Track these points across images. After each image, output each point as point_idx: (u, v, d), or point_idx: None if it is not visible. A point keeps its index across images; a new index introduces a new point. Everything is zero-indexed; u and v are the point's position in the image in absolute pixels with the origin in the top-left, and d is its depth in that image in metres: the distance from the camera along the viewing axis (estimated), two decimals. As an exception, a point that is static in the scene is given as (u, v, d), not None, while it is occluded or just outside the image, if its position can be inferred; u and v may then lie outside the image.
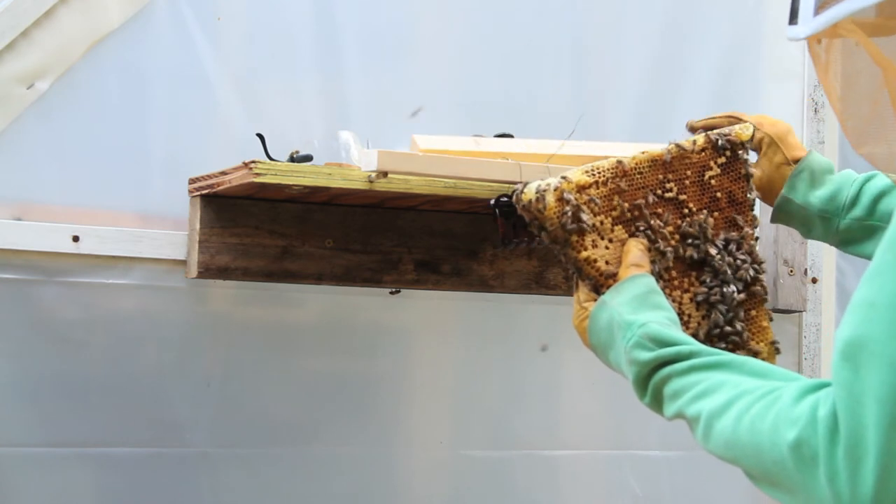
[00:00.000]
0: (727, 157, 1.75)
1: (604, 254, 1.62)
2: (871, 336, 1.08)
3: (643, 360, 1.44)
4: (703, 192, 1.72)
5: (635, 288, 1.56)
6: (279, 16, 2.31)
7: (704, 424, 1.33)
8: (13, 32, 2.06)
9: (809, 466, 1.14)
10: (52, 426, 2.11)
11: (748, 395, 1.28)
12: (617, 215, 1.64)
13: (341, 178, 1.94)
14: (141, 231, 2.13)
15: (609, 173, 1.65)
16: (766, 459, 1.21)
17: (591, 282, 1.62)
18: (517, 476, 2.48)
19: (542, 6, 2.53)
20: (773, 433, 1.20)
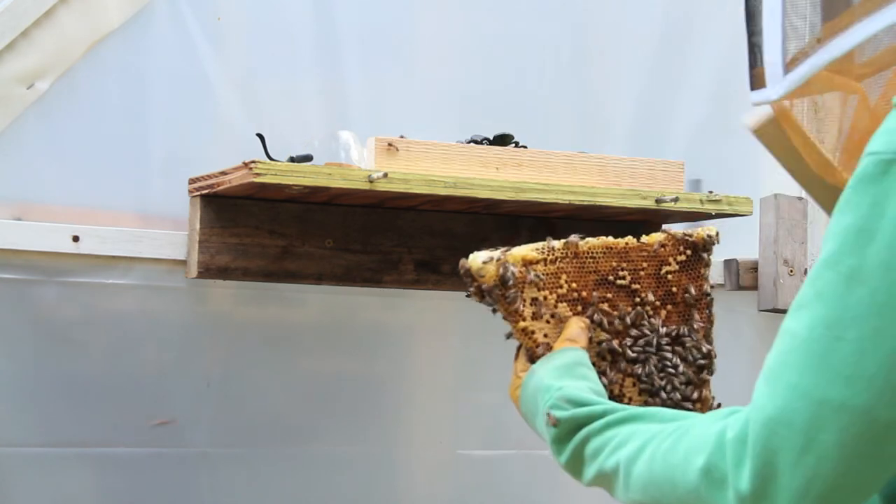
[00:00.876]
0: (688, 256, 1.77)
1: (543, 327, 1.65)
2: (788, 365, 1.10)
3: (560, 419, 1.45)
4: (658, 285, 1.75)
5: (563, 358, 1.59)
6: (279, 16, 2.31)
7: (624, 473, 1.34)
8: (13, 32, 2.06)
9: (720, 489, 1.15)
10: (52, 426, 2.11)
11: (660, 435, 1.29)
12: (563, 293, 1.68)
13: (341, 178, 1.94)
14: (141, 231, 2.13)
15: (559, 253, 1.69)
16: (681, 490, 1.22)
17: (528, 353, 1.66)
18: (516, 476, 2.48)
19: (543, 6, 2.53)
20: (685, 462, 1.21)
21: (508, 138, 2.24)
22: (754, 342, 2.60)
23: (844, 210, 1.08)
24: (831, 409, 1.07)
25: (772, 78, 1.25)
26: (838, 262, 1.08)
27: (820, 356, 1.08)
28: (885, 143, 1.06)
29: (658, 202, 2.10)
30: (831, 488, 1.09)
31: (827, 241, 1.09)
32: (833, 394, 1.07)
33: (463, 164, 2.11)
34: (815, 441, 1.08)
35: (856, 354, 1.06)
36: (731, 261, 2.58)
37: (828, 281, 1.08)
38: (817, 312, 1.09)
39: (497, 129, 2.22)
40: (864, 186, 1.06)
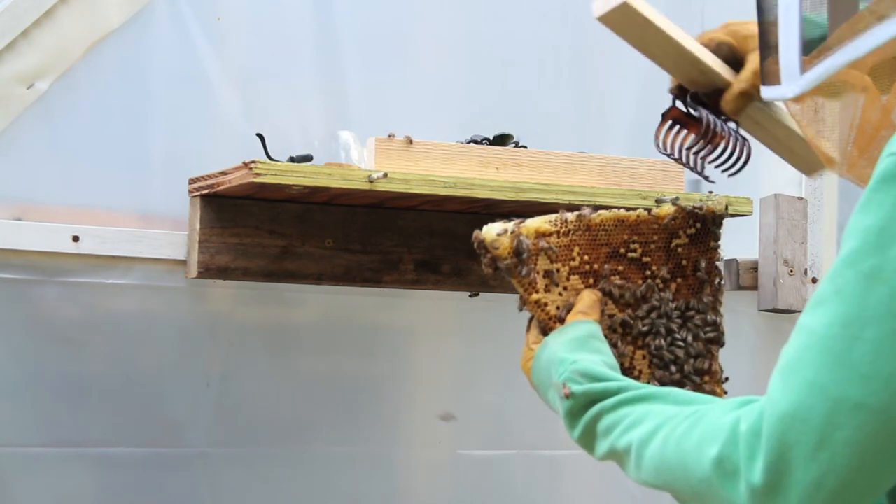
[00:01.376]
0: (697, 229, 1.78)
1: (556, 300, 1.65)
2: (804, 361, 1.11)
3: (574, 392, 1.45)
4: (668, 257, 1.75)
5: (577, 331, 1.58)
6: (279, 16, 2.31)
7: (636, 455, 1.34)
8: (13, 32, 2.06)
9: (732, 480, 1.16)
10: (52, 426, 2.11)
11: (674, 420, 1.29)
12: (575, 265, 1.68)
13: (341, 178, 1.94)
14: (141, 231, 2.13)
15: (572, 225, 1.68)
16: (693, 478, 1.22)
17: (541, 325, 1.66)
18: (516, 476, 2.49)
19: (543, 7, 2.53)
20: (698, 451, 1.21)
21: (508, 138, 2.24)
22: (754, 342, 2.60)
23: (866, 209, 1.08)
24: (847, 408, 1.07)
25: (788, 75, 1.24)
26: (859, 261, 1.08)
27: (837, 354, 1.08)
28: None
29: (658, 202, 2.10)
30: (843, 485, 1.09)
31: (847, 239, 1.09)
32: (850, 392, 1.07)
33: (463, 164, 2.12)
34: (830, 438, 1.08)
35: (874, 354, 1.06)
36: (731, 261, 2.58)
37: (848, 279, 1.08)
38: (836, 310, 1.09)
39: (497, 129, 2.22)
40: (886, 186, 1.07)
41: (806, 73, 1.21)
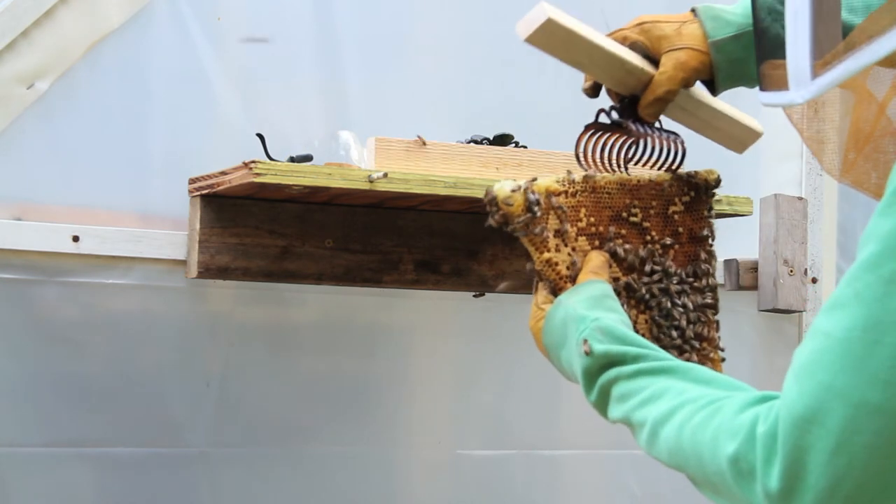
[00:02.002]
0: (691, 197, 1.79)
1: (565, 259, 1.65)
2: (822, 364, 1.10)
3: (594, 350, 1.44)
4: (665, 224, 1.76)
5: (592, 290, 1.57)
6: (279, 16, 2.31)
7: (650, 432, 1.33)
8: (13, 32, 2.06)
9: (747, 480, 1.16)
10: (52, 426, 2.11)
11: (692, 404, 1.29)
12: (582, 227, 1.68)
13: (341, 178, 1.94)
14: (141, 231, 2.13)
15: (579, 186, 1.69)
16: (708, 469, 1.22)
17: (550, 284, 1.65)
18: (516, 476, 2.49)
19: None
20: (714, 444, 1.21)
21: (508, 138, 2.24)
22: (754, 342, 2.60)
23: (887, 213, 1.07)
24: (867, 412, 1.07)
25: (797, 81, 1.21)
26: (880, 266, 1.07)
27: (857, 358, 1.07)
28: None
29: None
30: (859, 490, 1.09)
31: (867, 243, 1.09)
32: (871, 396, 1.06)
33: (463, 164, 2.12)
34: (847, 442, 1.07)
35: (894, 359, 1.05)
36: (731, 261, 2.58)
37: (868, 283, 1.07)
38: (855, 314, 1.08)
39: (497, 129, 2.22)
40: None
41: (817, 78, 1.19)
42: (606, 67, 1.72)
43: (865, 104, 1.23)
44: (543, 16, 1.65)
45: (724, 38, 1.67)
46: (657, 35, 1.69)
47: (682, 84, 1.69)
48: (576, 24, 1.69)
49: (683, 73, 1.68)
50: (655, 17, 1.71)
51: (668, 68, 1.67)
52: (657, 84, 1.68)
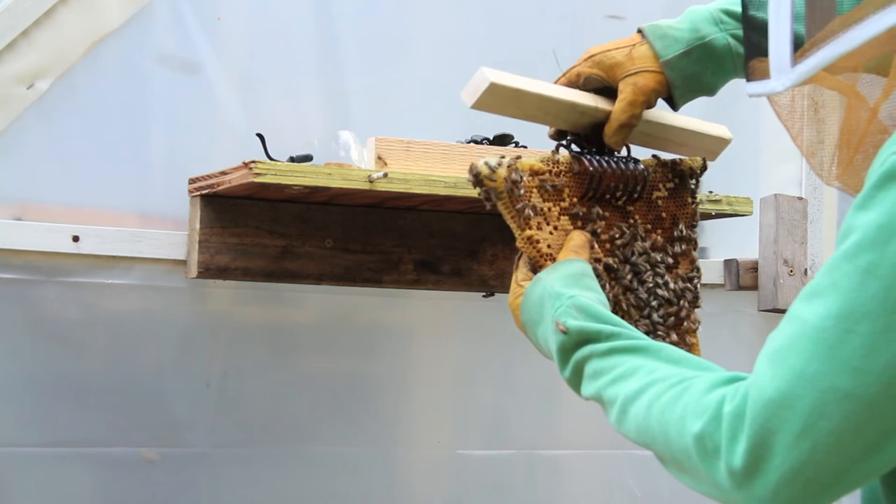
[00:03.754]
0: (675, 184, 1.80)
1: (547, 238, 1.67)
2: (795, 350, 1.13)
3: (569, 327, 1.46)
4: (649, 209, 1.77)
5: (570, 268, 1.59)
6: (279, 16, 2.31)
7: (620, 409, 1.36)
8: (13, 32, 2.06)
9: (712, 458, 1.19)
10: (52, 426, 2.11)
11: (661, 383, 1.31)
12: (565, 206, 1.70)
13: (341, 178, 1.94)
14: (141, 231, 2.13)
15: (564, 167, 1.71)
16: (674, 447, 1.25)
17: (531, 262, 1.66)
18: (516, 476, 2.49)
19: (543, 7, 2.53)
20: (681, 423, 1.24)
21: (508, 138, 2.24)
22: (754, 342, 2.60)
23: (867, 206, 1.10)
24: (836, 398, 1.10)
25: (778, 69, 1.23)
26: (857, 256, 1.10)
27: (829, 345, 1.10)
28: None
29: (658, 202, 2.10)
30: (821, 473, 1.12)
31: (847, 234, 1.11)
32: (840, 383, 1.09)
33: (463, 164, 2.12)
34: (814, 427, 1.11)
35: (866, 348, 1.08)
36: (731, 261, 2.58)
37: (845, 273, 1.10)
38: (830, 303, 1.11)
39: (497, 129, 2.22)
40: (888, 184, 1.09)
41: (797, 65, 1.21)
42: (560, 114, 1.76)
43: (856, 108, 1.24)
44: (486, 81, 1.70)
45: (674, 55, 1.70)
46: (609, 64, 1.72)
47: (643, 107, 1.71)
48: (519, 81, 1.73)
49: (643, 96, 1.70)
50: (604, 46, 1.74)
51: (627, 94, 1.70)
52: (620, 111, 1.71)
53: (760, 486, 1.14)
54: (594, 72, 1.74)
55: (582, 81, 1.75)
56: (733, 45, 1.70)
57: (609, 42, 1.75)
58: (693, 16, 1.72)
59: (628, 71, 1.71)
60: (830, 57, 1.18)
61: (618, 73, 1.71)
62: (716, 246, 2.65)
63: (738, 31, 1.68)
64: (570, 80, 1.76)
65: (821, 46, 1.18)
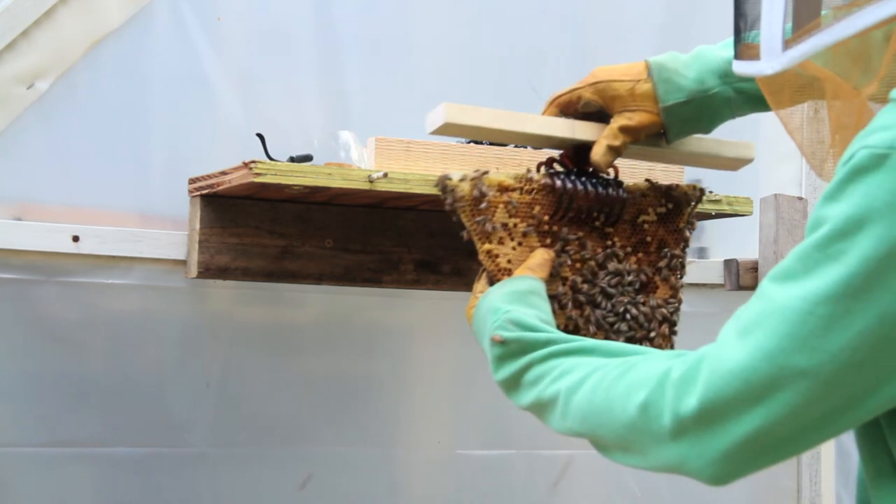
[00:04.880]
0: (668, 209, 1.80)
1: (509, 253, 1.69)
2: (760, 325, 1.18)
3: (504, 339, 1.50)
4: (633, 232, 1.78)
5: (518, 285, 1.63)
6: (279, 16, 2.31)
7: (563, 402, 1.40)
8: (13, 32, 2.06)
9: (656, 422, 1.25)
10: (52, 426, 2.11)
11: (604, 368, 1.36)
12: (534, 223, 1.72)
13: (341, 178, 1.94)
14: (141, 231, 2.13)
15: (537, 185, 1.72)
16: (618, 422, 1.30)
17: (489, 275, 1.69)
18: (516, 476, 2.49)
19: (543, 6, 2.53)
20: (626, 397, 1.29)
21: (509, 138, 2.24)
22: (754, 342, 2.60)
23: (837, 198, 1.14)
24: (792, 374, 1.15)
25: (768, 52, 1.25)
26: (827, 245, 1.14)
27: (791, 324, 1.15)
28: (881, 138, 1.11)
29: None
30: (772, 441, 1.19)
31: (819, 224, 1.15)
32: (796, 360, 1.15)
33: (463, 164, 2.11)
34: (769, 399, 1.17)
35: (824, 329, 1.14)
36: (731, 261, 2.58)
37: (815, 260, 1.15)
38: (799, 285, 1.16)
39: (497, 129, 2.22)
40: (858, 177, 1.12)
41: (788, 50, 1.23)
42: (529, 141, 1.80)
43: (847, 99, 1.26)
44: (441, 119, 1.71)
45: (674, 103, 1.73)
46: (611, 95, 1.75)
47: (631, 139, 1.75)
48: (478, 117, 1.75)
49: (634, 132, 1.74)
50: (610, 73, 1.77)
51: (620, 122, 1.74)
52: (609, 135, 1.74)
53: (711, 448, 1.21)
54: (595, 99, 1.77)
55: (581, 105, 1.78)
56: (734, 98, 1.73)
57: (615, 67, 1.77)
58: (701, 63, 1.74)
59: (627, 106, 1.74)
60: (823, 44, 1.20)
61: (616, 105, 1.75)
62: (716, 246, 2.65)
63: (742, 83, 1.71)
64: (571, 100, 1.79)
65: (814, 33, 1.20)
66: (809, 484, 2.65)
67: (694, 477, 1.25)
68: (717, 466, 1.22)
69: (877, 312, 1.12)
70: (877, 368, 1.14)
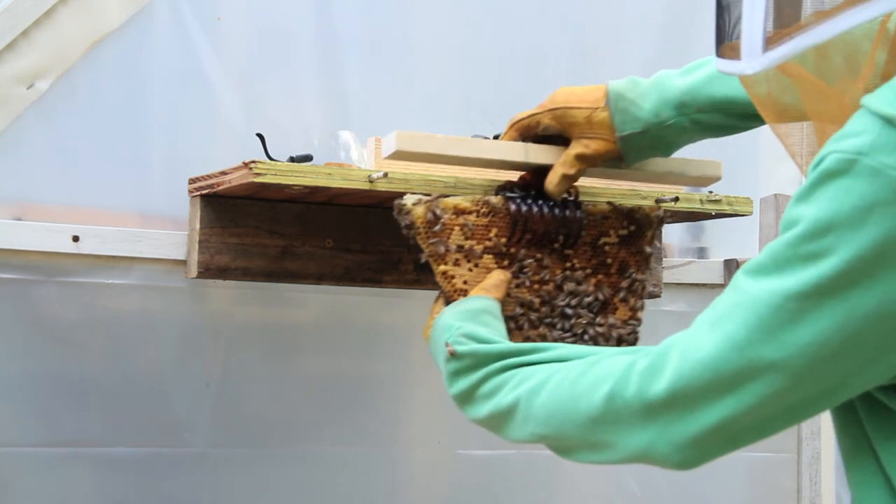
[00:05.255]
0: (630, 231, 1.81)
1: (464, 274, 1.71)
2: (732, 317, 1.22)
3: (458, 352, 1.53)
4: (594, 254, 1.79)
5: (472, 305, 1.67)
6: (279, 16, 2.31)
7: (524, 407, 1.42)
8: (13, 32, 2.06)
9: (624, 413, 1.28)
10: (51, 426, 2.11)
11: (565, 369, 1.39)
12: (490, 245, 1.75)
13: (341, 178, 1.94)
14: (141, 231, 2.13)
15: (493, 208, 1.75)
16: (586, 417, 1.33)
17: (445, 296, 1.72)
18: (516, 476, 2.48)
19: (543, 5, 2.53)
20: (590, 391, 1.32)
21: (509, 138, 2.23)
22: (754, 342, 2.60)
23: (808, 199, 1.17)
24: (761, 366, 1.19)
25: (749, 52, 1.26)
26: (797, 245, 1.18)
27: (761, 317, 1.19)
28: (850, 144, 1.14)
29: (658, 202, 2.10)
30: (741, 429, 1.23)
31: (793, 223, 1.18)
32: (765, 353, 1.19)
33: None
34: (739, 389, 1.21)
35: (793, 323, 1.17)
36: (730, 261, 2.58)
37: (787, 259, 1.19)
38: (770, 280, 1.19)
39: (497, 129, 2.22)
40: (828, 181, 1.15)
41: (769, 51, 1.24)
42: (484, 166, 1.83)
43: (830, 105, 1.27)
44: (393, 147, 1.75)
45: (630, 132, 1.76)
46: (569, 122, 1.78)
47: (587, 165, 1.79)
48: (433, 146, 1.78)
49: (590, 159, 1.78)
50: (569, 99, 1.80)
51: (576, 150, 1.78)
52: (564, 164, 1.79)
53: (679, 434, 1.25)
54: (553, 124, 1.80)
55: (540, 129, 1.82)
56: (690, 128, 1.77)
57: (576, 90, 1.80)
58: (658, 93, 1.77)
59: (584, 133, 1.78)
60: (801, 47, 1.22)
61: (574, 132, 1.79)
62: (716, 246, 2.65)
63: (698, 114, 1.75)
64: (531, 124, 1.83)
65: (793, 36, 1.22)
66: (809, 484, 2.65)
67: (660, 463, 1.28)
68: (685, 452, 1.26)
69: (843, 310, 1.15)
70: (846, 363, 1.18)
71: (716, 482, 2.57)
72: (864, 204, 1.13)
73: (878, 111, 1.14)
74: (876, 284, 1.14)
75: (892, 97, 1.14)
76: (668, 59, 2.60)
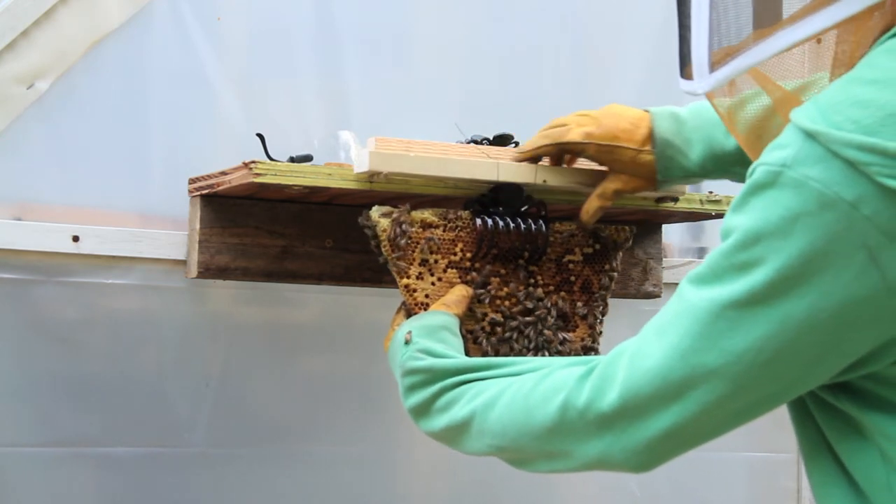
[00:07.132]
0: (595, 250, 1.83)
1: (427, 288, 1.73)
2: (675, 326, 1.25)
3: (414, 367, 1.57)
4: (557, 271, 1.80)
5: (431, 320, 1.70)
6: (279, 16, 2.31)
7: (479, 420, 1.45)
8: (13, 32, 2.06)
9: (579, 423, 1.31)
10: (51, 426, 2.11)
11: (518, 381, 1.42)
12: (455, 260, 1.77)
13: (341, 178, 1.94)
14: (141, 231, 2.13)
15: (461, 223, 1.76)
16: (541, 428, 1.36)
17: (406, 309, 1.75)
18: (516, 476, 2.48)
19: (543, 5, 2.53)
20: (544, 402, 1.35)
21: (508, 138, 2.24)
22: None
23: (741, 209, 1.21)
24: (703, 373, 1.23)
25: (698, 73, 1.31)
26: (731, 255, 1.22)
27: (703, 324, 1.22)
28: (777, 156, 1.18)
29: (658, 202, 2.10)
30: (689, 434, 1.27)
31: (728, 233, 1.23)
32: (707, 360, 1.22)
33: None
34: (684, 396, 1.25)
35: (732, 330, 1.21)
36: (730, 261, 2.58)
37: (722, 268, 1.22)
38: (709, 289, 1.23)
39: (497, 129, 2.22)
40: (757, 192, 1.20)
41: (714, 72, 1.29)
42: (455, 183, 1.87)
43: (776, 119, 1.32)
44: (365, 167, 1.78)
45: (672, 178, 1.84)
46: (614, 158, 1.84)
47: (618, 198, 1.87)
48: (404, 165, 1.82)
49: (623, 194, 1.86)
50: (616, 133, 1.85)
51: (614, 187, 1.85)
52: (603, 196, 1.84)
53: (633, 441, 1.28)
54: (596, 157, 1.85)
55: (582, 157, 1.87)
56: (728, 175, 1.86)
57: (623, 118, 1.87)
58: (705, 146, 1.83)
59: (626, 170, 1.83)
60: (744, 66, 1.26)
61: (616, 167, 1.84)
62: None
63: (740, 168, 1.80)
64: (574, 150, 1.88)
65: (735, 55, 1.26)
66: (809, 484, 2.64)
67: (617, 469, 1.32)
68: (640, 457, 1.30)
69: (776, 318, 1.18)
70: (785, 368, 1.21)
71: (716, 482, 2.57)
72: (789, 215, 1.16)
73: (801, 125, 1.17)
74: (805, 293, 1.17)
75: (814, 112, 1.17)
76: (668, 59, 2.60)
